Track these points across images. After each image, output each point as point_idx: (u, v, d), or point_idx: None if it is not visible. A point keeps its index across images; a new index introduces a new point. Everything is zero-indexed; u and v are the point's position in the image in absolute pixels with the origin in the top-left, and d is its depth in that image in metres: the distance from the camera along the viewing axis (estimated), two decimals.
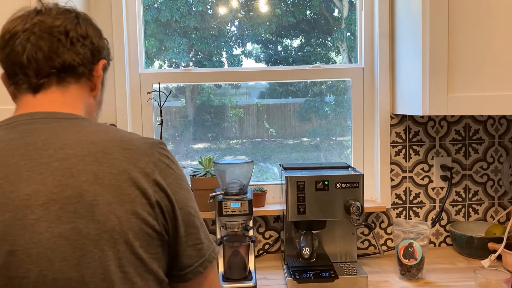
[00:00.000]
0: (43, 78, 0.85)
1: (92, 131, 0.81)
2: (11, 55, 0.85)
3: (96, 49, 0.91)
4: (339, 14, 2.09)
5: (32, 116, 0.83)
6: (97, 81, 0.92)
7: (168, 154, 0.86)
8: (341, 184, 1.61)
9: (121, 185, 0.76)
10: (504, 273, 1.43)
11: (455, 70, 1.52)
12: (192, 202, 0.87)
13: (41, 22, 0.85)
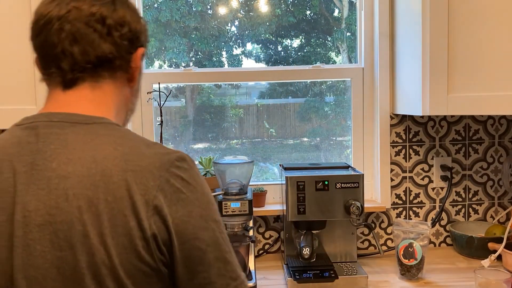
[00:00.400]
0: (77, 73, 0.78)
1: (101, 143, 0.73)
2: (46, 46, 0.78)
3: (135, 36, 0.83)
4: (339, 14, 2.09)
5: (50, 118, 0.77)
6: (135, 72, 0.85)
7: (183, 174, 0.73)
8: (341, 184, 1.61)
9: (115, 215, 0.68)
10: (504, 273, 1.43)
11: (455, 70, 1.52)
12: (206, 232, 0.73)
13: (76, 9, 0.77)
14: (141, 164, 0.72)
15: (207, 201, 0.75)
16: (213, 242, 0.73)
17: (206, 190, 0.76)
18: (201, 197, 0.74)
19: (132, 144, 0.75)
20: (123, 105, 0.86)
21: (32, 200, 0.70)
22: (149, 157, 0.73)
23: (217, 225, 0.75)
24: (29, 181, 0.71)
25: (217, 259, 0.73)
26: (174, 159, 0.74)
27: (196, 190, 0.74)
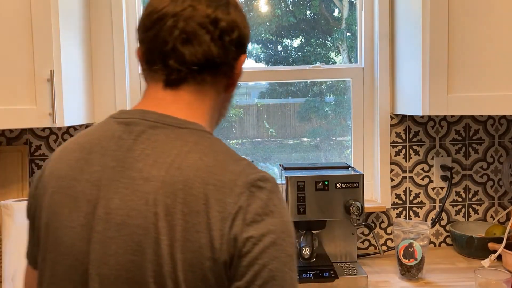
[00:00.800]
0: (183, 74, 0.76)
1: (188, 151, 0.70)
2: (156, 41, 0.76)
3: (242, 42, 0.80)
4: (339, 14, 2.09)
5: (144, 116, 0.75)
6: (236, 79, 0.83)
7: (263, 195, 0.68)
8: (341, 184, 1.61)
9: (189, 229, 0.65)
10: (504, 273, 1.43)
11: (455, 70, 1.52)
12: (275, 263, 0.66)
13: (192, 8, 0.75)
14: (223, 180, 0.68)
15: (283, 231, 0.68)
16: (279, 276, 0.67)
17: (286, 218, 0.70)
18: (278, 224, 0.68)
19: (219, 157, 0.71)
20: (216, 111, 0.84)
21: (115, 198, 0.69)
22: (233, 173, 0.69)
23: (287, 259, 0.68)
24: (115, 178, 0.70)
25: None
26: (258, 179, 0.70)
27: (274, 215, 0.68)
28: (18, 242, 1.50)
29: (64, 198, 0.73)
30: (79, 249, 0.71)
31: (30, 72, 1.44)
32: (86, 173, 0.73)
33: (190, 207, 0.66)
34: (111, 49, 1.86)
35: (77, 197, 0.72)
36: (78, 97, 1.69)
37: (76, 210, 0.72)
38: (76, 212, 0.72)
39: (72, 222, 0.72)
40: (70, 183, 0.73)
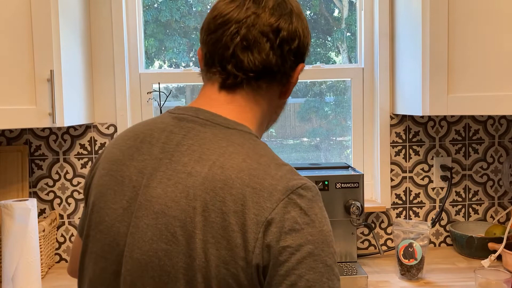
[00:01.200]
0: (240, 79, 0.79)
1: (233, 151, 0.72)
2: (217, 45, 0.79)
3: (301, 51, 0.82)
4: (339, 14, 2.09)
5: (197, 114, 0.78)
6: (290, 87, 0.84)
7: (303, 203, 0.68)
8: (341, 184, 1.61)
9: (225, 227, 0.66)
10: (504, 273, 1.43)
11: (455, 70, 1.52)
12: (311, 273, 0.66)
13: (255, 15, 0.77)
14: (263, 184, 0.69)
15: (323, 241, 0.68)
16: (316, 287, 0.66)
17: (325, 228, 0.69)
18: (317, 234, 0.67)
19: (261, 160, 0.72)
20: (267, 116, 0.85)
21: (157, 187, 0.72)
22: (274, 178, 0.70)
23: (326, 270, 0.67)
24: (160, 169, 0.73)
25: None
26: (299, 186, 0.70)
27: (314, 224, 0.68)
28: (18, 242, 1.50)
29: (111, 181, 0.78)
30: (117, 230, 0.74)
31: (30, 72, 1.44)
32: (135, 160, 0.76)
33: (228, 206, 0.67)
34: (111, 49, 1.86)
35: (123, 181, 0.76)
36: (78, 97, 1.69)
37: (120, 193, 0.76)
38: (120, 195, 0.76)
39: (115, 204, 0.76)
40: (119, 167, 0.78)
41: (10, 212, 1.49)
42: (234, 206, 0.67)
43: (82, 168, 1.88)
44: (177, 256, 0.68)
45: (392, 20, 1.89)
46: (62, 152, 1.88)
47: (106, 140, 1.88)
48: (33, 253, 1.53)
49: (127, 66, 1.90)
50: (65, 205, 1.89)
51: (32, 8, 1.43)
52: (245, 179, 0.68)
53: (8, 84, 1.41)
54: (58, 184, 1.88)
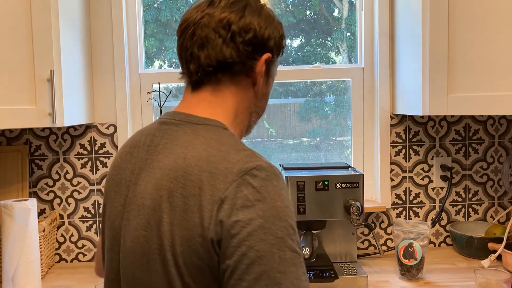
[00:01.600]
0: (201, 75, 0.86)
1: (197, 143, 0.79)
2: (182, 48, 0.87)
3: (261, 42, 0.87)
4: (339, 14, 2.09)
5: (174, 117, 0.87)
6: (257, 77, 0.89)
7: (256, 182, 0.73)
8: (341, 184, 1.61)
9: (186, 209, 0.74)
10: (504, 273, 1.43)
11: (455, 70, 1.52)
12: (261, 244, 0.70)
13: (208, 15, 0.85)
14: (219, 168, 0.75)
15: (274, 215, 0.72)
16: (266, 256, 0.70)
17: (278, 204, 0.73)
18: (268, 209, 0.72)
19: (222, 149, 0.78)
20: (245, 108, 0.90)
21: (141, 184, 0.82)
22: (230, 162, 0.75)
23: (277, 241, 0.71)
24: (144, 168, 0.83)
25: (266, 276, 0.70)
26: (253, 167, 0.75)
27: (265, 201, 0.72)
28: (18, 242, 1.50)
29: (113, 183, 0.89)
30: (117, 224, 0.85)
31: (30, 72, 1.44)
32: (129, 163, 0.87)
33: (188, 191, 0.75)
34: (111, 49, 1.86)
35: (120, 182, 0.87)
36: (78, 97, 1.69)
37: (118, 192, 0.87)
38: (118, 194, 0.87)
39: (115, 203, 0.87)
40: (118, 171, 0.89)
41: (10, 212, 1.49)
42: (193, 190, 0.74)
43: (82, 168, 1.88)
44: (151, 239, 0.77)
45: (392, 20, 1.89)
46: (62, 152, 1.88)
47: (106, 140, 1.88)
48: (33, 253, 1.53)
49: (127, 66, 1.90)
50: (65, 205, 1.89)
51: (32, 8, 1.43)
52: (203, 165, 0.76)
53: (8, 84, 1.41)
54: (58, 184, 1.88)
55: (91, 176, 1.89)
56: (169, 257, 0.75)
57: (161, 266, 0.76)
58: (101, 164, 1.89)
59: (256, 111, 0.95)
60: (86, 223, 1.90)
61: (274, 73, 0.97)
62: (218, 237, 0.72)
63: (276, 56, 0.93)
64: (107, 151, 1.88)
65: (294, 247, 0.73)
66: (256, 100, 0.93)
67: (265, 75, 0.91)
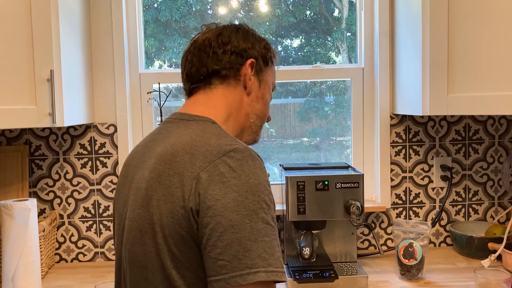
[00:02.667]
0: (193, 84, 1.03)
1: (186, 133, 0.92)
2: (182, 71, 1.07)
3: (241, 52, 1.03)
4: (339, 14, 2.09)
5: (172, 116, 1.02)
6: (245, 80, 1.03)
7: (231, 162, 0.83)
8: (341, 184, 1.61)
9: (171, 186, 0.84)
10: (504, 273, 1.43)
11: (455, 70, 1.52)
12: (234, 214, 0.79)
13: (195, 41, 1.05)
14: (201, 150, 0.86)
15: (247, 190, 0.81)
16: (238, 225, 0.79)
17: (252, 181, 0.82)
18: (241, 185, 0.81)
19: (206, 135, 0.90)
20: (237, 109, 1.03)
21: (139, 173, 0.94)
22: (211, 145, 0.87)
23: (249, 213, 0.80)
24: (144, 160, 0.96)
25: (238, 243, 0.78)
26: (231, 150, 0.85)
27: (240, 178, 0.82)
28: (18, 242, 1.50)
29: (122, 179, 1.02)
30: (121, 211, 0.98)
31: (30, 72, 1.44)
32: (133, 160, 1.01)
33: (173, 170, 0.86)
34: (111, 49, 1.86)
35: (126, 176, 1.00)
36: (78, 97, 1.69)
37: (124, 185, 0.99)
38: (124, 186, 0.99)
39: (122, 194, 0.99)
40: (126, 168, 1.02)
41: (10, 212, 1.49)
42: (177, 169, 0.85)
43: (82, 168, 1.88)
44: (143, 215, 0.88)
45: (392, 20, 1.89)
46: (62, 152, 1.88)
47: (106, 140, 1.88)
48: (33, 253, 1.53)
49: (127, 66, 1.90)
50: (65, 205, 1.89)
51: (32, 8, 1.43)
52: (187, 148, 0.87)
53: (8, 84, 1.41)
54: (58, 184, 1.88)
55: (91, 176, 1.89)
56: (157, 229, 0.85)
57: (151, 238, 0.86)
58: (101, 164, 1.89)
59: (254, 112, 1.06)
60: (86, 223, 1.90)
61: (269, 79, 1.09)
62: (197, 207, 0.81)
63: (264, 63, 1.07)
64: (107, 151, 1.88)
65: (267, 220, 0.81)
66: (251, 102, 1.06)
67: (256, 79, 1.05)
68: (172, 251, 0.84)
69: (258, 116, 1.08)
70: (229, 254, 0.78)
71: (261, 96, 1.07)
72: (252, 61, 1.03)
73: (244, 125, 1.06)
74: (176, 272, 0.84)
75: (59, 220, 1.89)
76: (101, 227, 1.90)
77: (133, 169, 0.99)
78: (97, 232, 1.91)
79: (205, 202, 0.80)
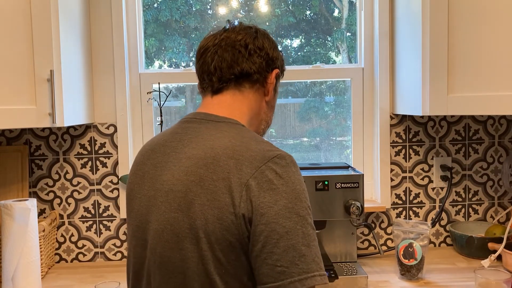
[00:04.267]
0: (223, 82, 1.01)
1: (221, 136, 0.91)
2: (203, 65, 1.03)
3: (270, 59, 1.05)
4: (339, 14, 2.09)
5: (195, 116, 1.00)
6: (269, 87, 1.06)
7: (278, 169, 0.86)
8: (341, 184, 1.61)
9: (216, 191, 0.84)
10: (504, 273, 1.43)
11: (455, 70, 1.52)
12: (287, 221, 0.82)
13: (226, 37, 1.02)
14: (245, 155, 0.87)
15: (295, 197, 0.85)
16: (292, 232, 0.82)
17: (298, 187, 0.86)
18: (290, 191, 0.85)
19: (244, 140, 0.91)
20: (256, 114, 1.05)
21: (167, 173, 0.92)
22: (254, 151, 0.88)
23: (299, 219, 0.84)
24: (169, 160, 0.94)
25: (293, 249, 0.82)
26: (274, 156, 0.87)
27: (287, 184, 0.85)
28: (18, 242, 1.50)
29: (136, 177, 1.00)
30: (143, 211, 0.95)
31: (30, 72, 1.44)
32: (151, 159, 0.99)
33: (217, 175, 0.85)
34: (111, 49, 1.86)
35: (143, 176, 0.98)
36: (78, 97, 1.69)
37: (142, 184, 0.97)
38: (143, 186, 0.97)
39: (140, 194, 0.97)
40: (140, 167, 1.00)
41: (10, 212, 1.49)
42: (222, 174, 0.85)
43: (82, 168, 1.88)
44: (182, 220, 0.86)
45: (392, 20, 1.89)
46: (62, 152, 1.88)
47: (106, 140, 1.88)
48: (33, 253, 1.53)
49: (127, 66, 1.90)
50: (65, 205, 1.89)
51: (32, 8, 1.43)
52: (229, 153, 0.87)
53: (8, 84, 1.41)
54: (58, 184, 1.88)
55: (91, 176, 1.89)
56: (201, 235, 0.84)
57: (192, 244, 0.85)
58: (101, 164, 1.89)
59: (266, 119, 1.10)
60: (86, 223, 1.90)
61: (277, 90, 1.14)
62: (250, 214, 0.82)
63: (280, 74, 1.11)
64: (107, 151, 1.88)
65: (313, 225, 0.86)
66: (267, 109, 1.09)
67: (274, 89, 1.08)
68: (217, 257, 0.84)
69: (267, 124, 1.12)
70: (287, 260, 0.81)
71: (273, 105, 1.13)
72: (277, 72, 1.07)
73: (257, 130, 1.08)
74: (219, 279, 0.85)
75: (59, 220, 1.89)
76: (101, 227, 1.90)
77: (152, 169, 0.97)
78: (97, 232, 1.91)
79: (258, 210, 0.82)
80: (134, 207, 0.98)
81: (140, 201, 0.97)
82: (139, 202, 0.97)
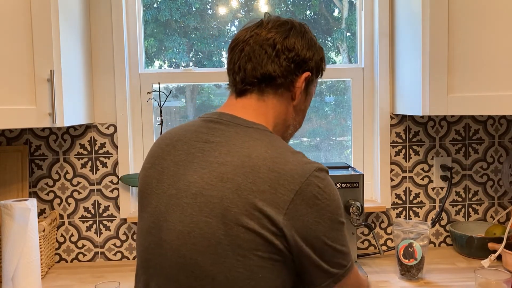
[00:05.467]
0: (246, 85, 0.98)
1: (254, 144, 0.90)
2: (231, 62, 1.00)
3: (302, 61, 0.99)
4: (339, 14, 2.09)
5: (221, 117, 0.96)
6: (297, 92, 1.00)
7: (319, 183, 0.87)
8: (341, 184, 1.61)
9: (255, 203, 0.84)
10: (504, 273, 1.43)
11: (455, 70, 1.52)
12: (333, 232, 0.89)
13: (256, 34, 0.98)
14: (285, 169, 0.86)
15: (336, 206, 0.89)
16: (337, 240, 0.90)
17: (337, 197, 0.89)
18: (332, 204, 0.88)
19: (280, 150, 0.90)
20: (282, 120, 1.02)
21: (193, 175, 0.90)
22: (293, 164, 0.87)
23: (340, 226, 0.90)
24: (194, 161, 0.92)
25: (339, 251, 0.91)
26: (314, 169, 0.88)
27: (329, 198, 0.88)
28: (18, 242, 1.50)
29: (154, 172, 0.97)
30: (159, 210, 0.93)
31: (30, 72, 1.44)
32: (171, 155, 0.96)
33: (257, 186, 0.85)
34: (111, 49, 1.86)
35: (162, 172, 0.95)
36: (78, 97, 1.69)
37: (161, 181, 0.94)
38: (162, 182, 0.94)
39: (158, 190, 0.94)
40: (159, 161, 0.97)
41: (10, 212, 1.49)
42: (262, 186, 0.84)
43: (82, 168, 1.88)
44: (216, 226, 0.85)
45: (392, 20, 1.89)
46: (62, 152, 1.88)
47: (106, 140, 1.88)
48: (33, 253, 1.53)
49: (127, 66, 1.90)
50: (65, 205, 1.89)
51: (32, 8, 1.43)
52: (269, 165, 0.86)
53: (8, 84, 1.41)
54: (58, 184, 1.88)
55: (91, 176, 1.89)
56: (240, 243, 0.84)
57: (227, 250, 0.85)
58: (101, 164, 1.89)
59: (294, 124, 1.06)
60: (86, 223, 1.90)
61: (313, 90, 1.08)
62: (292, 230, 0.85)
63: (315, 76, 1.04)
64: (107, 151, 1.88)
65: (345, 229, 0.93)
66: (295, 115, 1.05)
67: (304, 92, 1.03)
68: (250, 267, 0.85)
69: (295, 128, 1.09)
70: (335, 263, 0.91)
71: (304, 109, 1.07)
72: (308, 75, 1.01)
73: (282, 135, 1.05)
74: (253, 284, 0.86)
75: (59, 220, 1.89)
76: (101, 227, 1.90)
77: (172, 165, 0.94)
78: (97, 232, 1.91)
79: (307, 226, 0.86)
80: (151, 202, 0.95)
81: (158, 198, 0.94)
82: (157, 198, 0.94)
